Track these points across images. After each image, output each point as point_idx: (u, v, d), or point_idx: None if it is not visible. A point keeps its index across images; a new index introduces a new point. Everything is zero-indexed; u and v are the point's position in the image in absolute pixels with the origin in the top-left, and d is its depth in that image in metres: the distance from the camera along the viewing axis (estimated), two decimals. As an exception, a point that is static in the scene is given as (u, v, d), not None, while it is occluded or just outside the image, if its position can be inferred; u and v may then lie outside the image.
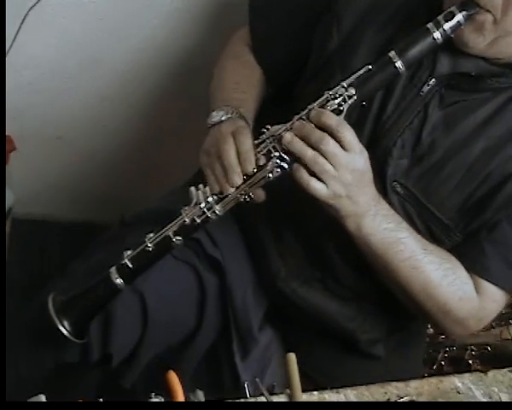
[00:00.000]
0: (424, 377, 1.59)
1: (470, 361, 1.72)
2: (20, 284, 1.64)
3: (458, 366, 1.74)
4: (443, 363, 1.75)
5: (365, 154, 1.07)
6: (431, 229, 1.19)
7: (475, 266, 1.17)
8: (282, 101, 1.35)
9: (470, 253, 1.18)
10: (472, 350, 1.73)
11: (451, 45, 1.10)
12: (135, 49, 1.69)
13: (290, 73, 1.32)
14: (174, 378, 0.87)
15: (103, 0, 1.58)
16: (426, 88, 1.14)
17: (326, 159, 1.03)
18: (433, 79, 1.14)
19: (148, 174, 1.97)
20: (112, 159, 1.93)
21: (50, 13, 1.56)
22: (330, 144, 1.03)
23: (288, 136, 1.05)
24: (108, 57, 1.70)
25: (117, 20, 1.63)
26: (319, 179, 1.04)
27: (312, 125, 1.05)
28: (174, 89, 1.78)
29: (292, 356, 0.99)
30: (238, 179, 1.06)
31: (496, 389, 1.16)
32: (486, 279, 1.17)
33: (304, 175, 1.04)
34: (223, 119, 1.18)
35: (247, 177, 1.07)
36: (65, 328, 1.06)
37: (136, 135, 1.88)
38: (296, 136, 1.05)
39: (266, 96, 1.36)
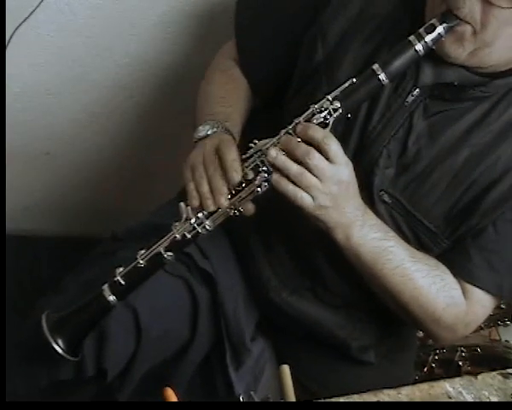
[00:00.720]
0: (415, 379, 1.62)
1: (460, 363, 1.74)
2: (10, 300, 1.63)
3: (448, 367, 1.75)
4: (433, 365, 1.76)
5: (350, 165, 1.09)
6: (418, 236, 1.20)
7: (462, 272, 1.19)
8: (268, 112, 1.36)
9: (457, 259, 1.19)
10: (462, 352, 1.75)
11: (434, 56, 1.12)
12: (121, 64, 1.69)
13: (277, 86, 1.33)
14: (171, 395, 0.88)
15: (89, 17, 1.58)
16: (410, 98, 1.16)
17: (311, 172, 1.05)
18: (417, 90, 1.15)
19: (137, 188, 1.97)
20: (101, 173, 1.93)
21: (37, 30, 1.56)
22: (316, 158, 1.04)
23: (272, 152, 1.06)
24: (95, 73, 1.70)
25: (103, 36, 1.63)
26: (305, 192, 1.06)
27: (298, 139, 1.06)
28: (162, 102, 1.78)
29: (286, 368, 1.00)
30: (224, 201, 1.07)
31: (486, 393, 1.17)
32: (474, 285, 1.19)
33: (289, 187, 1.06)
34: (209, 133, 1.19)
35: (236, 192, 1.08)
36: (59, 346, 1.07)
37: (124, 149, 1.88)
38: (282, 151, 1.06)
39: (253, 107, 1.37)
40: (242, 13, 1.38)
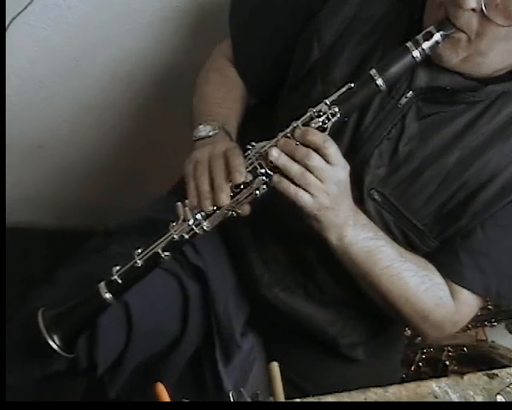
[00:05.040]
0: (402, 378, 1.64)
1: (447, 362, 1.76)
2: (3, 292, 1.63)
3: (435, 366, 1.77)
4: (420, 364, 1.78)
5: (348, 167, 1.10)
6: (406, 235, 1.22)
7: (451, 272, 1.21)
8: (263, 109, 1.37)
9: (446, 260, 1.21)
10: (449, 351, 1.76)
11: (428, 60, 1.12)
12: (116, 59, 1.70)
13: (272, 86, 1.34)
14: (162, 391, 0.88)
15: (84, 11, 1.58)
16: (403, 100, 1.17)
17: (312, 173, 1.06)
18: (411, 92, 1.16)
19: (130, 182, 1.97)
20: (94, 167, 1.93)
21: (32, 23, 1.56)
22: (316, 160, 1.06)
23: (274, 152, 1.07)
24: (90, 67, 1.70)
25: (98, 30, 1.63)
26: (306, 191, 1.07)
27: (297, 142, 1.07)
28: (156, 98, 1.79)
29: (275, 365, 1.01)
30: (226, 199, 1.07)
31: (471, 392, 1.18)
32: (461, 285, 1.21)
33: (291, 187, 1.07)
34: (210, 134, 1.21)
35: (234, 194, 1.09)
36: (55, 343, 1.07)
37: (118, 143, 1.88)
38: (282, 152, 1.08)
39: (248, 104, 1.38)
40: (237, 12, 1.39)
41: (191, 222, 1.08)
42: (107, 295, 1.09)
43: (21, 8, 1.51)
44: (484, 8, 1.04)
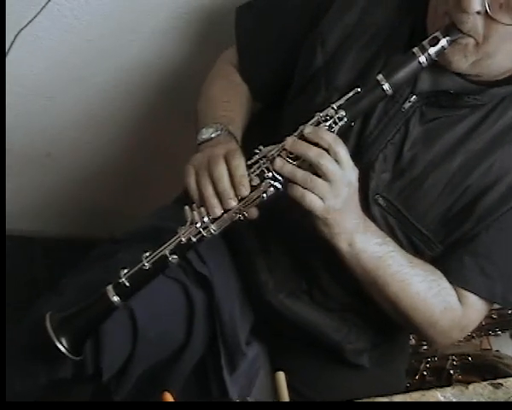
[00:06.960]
0: (407, 387, 1.63)
1: (451, 371, 1.75)
2: (7, 300, 1.64)
3: (440, 376, 1.77)
4: (425, 373, 1.77)
5: (356, 171, 1.11)
6: (412, 240, 1.22)
7: (457, 278, 1.21)
8: (268, 114, 1.38)
9: (452, 265, 1.21)
10: (453, 360, 1.75)
11: (432, 64, 1.13)
12: (122, 68, 1.70)
13: (277, 92, 1.34)
14: (170, 399, 0.88)
15: (91, 21, 1.58)
16: (407, 104, 1.17)
17: (323, 175, 1.06)
18: (414, 96, 1.17)
19: (136, 190, 1.97)
20: (101, 175, 1.93)
21: (39, 34, 1.56)
22: (327, 159, 1.06)
23: (278, 162, 1.08)
24: (96, 76, 1.71)
25: (104, 40, 1.63)
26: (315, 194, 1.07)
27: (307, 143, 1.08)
28: (161, 106, 1.79)
29: (281, 375, 1.01)
30: (233, 203, 1.08)
31: (476, 402, 1.19)
32: (467, 290, 1.21)
33: (299, 191, 1.07)
34: (212, 136, 1.20)
35: (242, 198, 1.09)
36: (63, 346, 1.07)
37: (124, 152, 1.89)
38: (290, 153, 1.08)
39: (253, 109, 1.38)
40: (243, 20, 1.40)
41: (199, 225, 1.09)
42: (115, 298, 1.09)
43: (29, 19, 1.51)
44: (488, 9, 1.04)
